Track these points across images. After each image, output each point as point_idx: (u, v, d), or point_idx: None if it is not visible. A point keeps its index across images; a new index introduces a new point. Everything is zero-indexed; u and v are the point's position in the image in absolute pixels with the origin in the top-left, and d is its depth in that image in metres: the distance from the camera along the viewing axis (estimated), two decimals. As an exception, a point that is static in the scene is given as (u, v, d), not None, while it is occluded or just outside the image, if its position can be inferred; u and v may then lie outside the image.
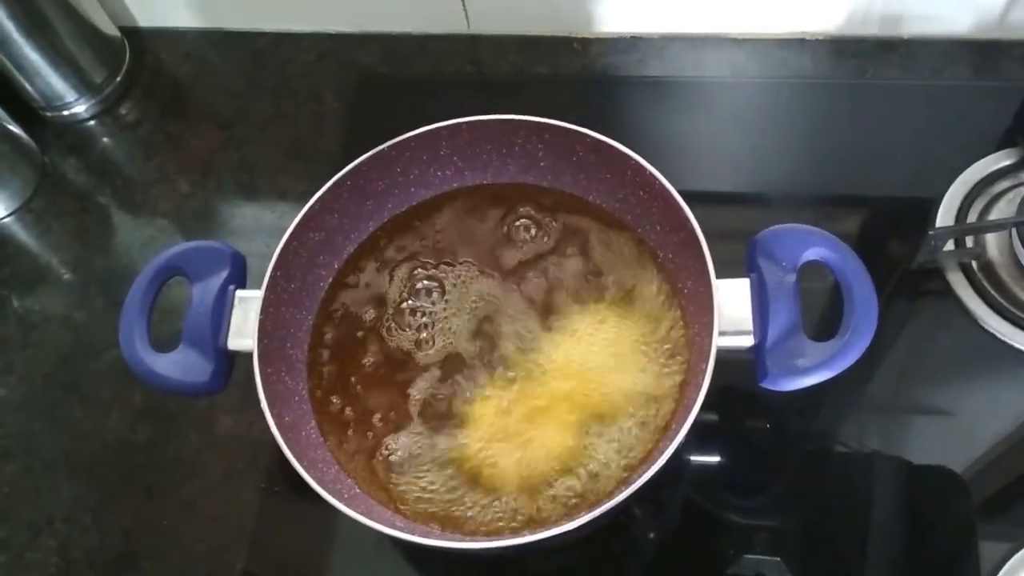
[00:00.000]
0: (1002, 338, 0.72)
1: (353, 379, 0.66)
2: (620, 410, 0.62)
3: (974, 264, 0.75)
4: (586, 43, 0.94)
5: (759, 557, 0.66)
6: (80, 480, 0.75)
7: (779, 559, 0.66)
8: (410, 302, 0.69)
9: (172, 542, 0.72)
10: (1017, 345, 0.72)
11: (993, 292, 0.73)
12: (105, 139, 0.94)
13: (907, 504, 0.68)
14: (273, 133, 0.92)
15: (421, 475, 0.62)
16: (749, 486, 0.70)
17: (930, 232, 0.73)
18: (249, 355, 0.61)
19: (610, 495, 0.57)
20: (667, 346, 0.64)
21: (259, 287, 0.63)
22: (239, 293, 0.64)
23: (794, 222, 0.63)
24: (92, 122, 0.95)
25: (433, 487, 0.61)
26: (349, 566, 0.69)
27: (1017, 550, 0.63)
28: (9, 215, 0.89)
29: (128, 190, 0.90)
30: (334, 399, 0.65)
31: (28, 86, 0.92)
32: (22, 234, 0.89)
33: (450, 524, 0.60)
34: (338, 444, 0.64)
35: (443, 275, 0.70)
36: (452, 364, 0.66)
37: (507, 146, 0.71)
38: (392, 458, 0.63)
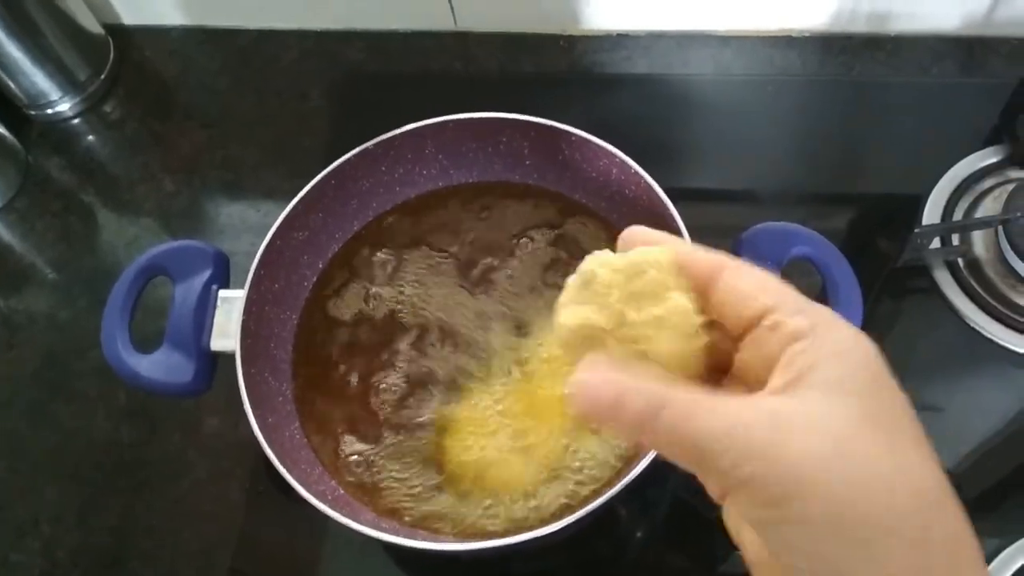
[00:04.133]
0: (988, 335, 0.72)
1: (337, 379, 0.66)
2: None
3: (960, 262, 0.75)
4: (573, 41, 0.93)
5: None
6: (66, 480, 0.74)
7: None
8: (395, 302, 0.68)
9: (159, 542, 0.71)
10: (1003, 342, 0.72)
11: (979, 290, 0.73)
12: (89, 137, 0.94)
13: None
14: (258, 131, 0.91)
15: (405, 477, 0.62)
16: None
17: (916, 230, 0.73)
18: (233, 355, 0.61)
19: (595, 496, 0.57)
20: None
21: (243, 287, 0.63)
22: (222, 293, 0.64)
23: (780, 220, 0.63)
24: (76, 120, 0.95)
25: (417, 489, 0.61)
26: (336, 565, 0.69)
27: (1006, 546, 0.63)
28: (-7, 214, 0.89)
29: (113, 189, 0.90)
30: (318, 400, 0.65)
31: (11, 84, 0.91)
32: (6, 234, 0.88)
33: (434, 525, 0.60)
34: (322, 444, 0.63)
35: (428, 275, 0.70)
36: (436, 365, 0.65)
37: (493, 144, 0.71)
38: (375, 459, 0.62)
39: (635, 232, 0.33)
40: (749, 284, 0.30)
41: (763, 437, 0.27)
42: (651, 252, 0.31)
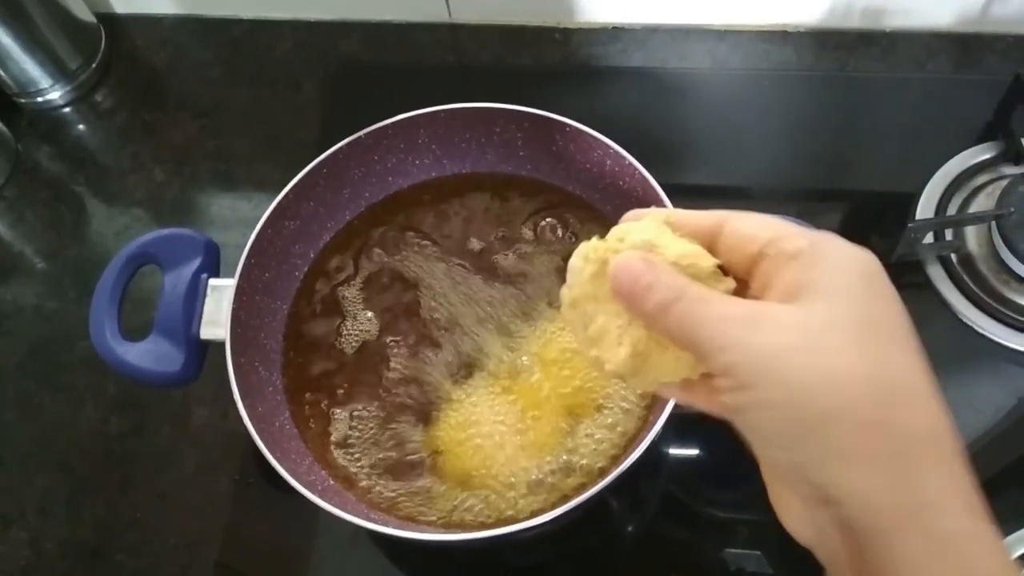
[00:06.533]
0: (980, 331, 0.72)
1: (328, 370, 0.66)
2: (599, 404, 0.61)
3: (953, 257, 0.75)
4: (568, 33, 0.93)
5: (739, 551, 0.66)
6: (53, 472, 0.74)
7: (759, 553, 0.65)
8: (387, 293, 0.68)
9: (146, 534, 0.71)
10: (995, 338, 0.72)
11: (972, 285, 0.73)
12: (80, 126, 0.93)
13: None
14: (250, 122, 0.91)
15: (396, 467, 0.61)
16: (729, 479, 0.69)
17: (910, 225, 0.73)
18: (222, 345, 0.60)
19: (586, 488, 0.57)
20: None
21: (234, 276, 0.63)
22: (212, 282, 0.63)
23: (774, 214, 0.62)
24: (67, 109, 0.94)
25: (408, 479, 0.61)
26: (325, 557, 0.69)
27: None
28: (-19, 203, 0.88)
29: (103, 178, 0.89)
30: (308, 390, 0.65)
31: (1, 72, 0.90)
32: (-6, 222, 0.88)
33: (424, 516, 0.59)
34: (312, 435, 0.63)
35: (421, 265, 0.69)
36: (429, 355, 0.65)
37: (486, 135, 0.71)
38: (366, 449, 0.62)
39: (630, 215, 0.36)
40: (751, 225, 0.33)
41: (738, 330, 0.30)
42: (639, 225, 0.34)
